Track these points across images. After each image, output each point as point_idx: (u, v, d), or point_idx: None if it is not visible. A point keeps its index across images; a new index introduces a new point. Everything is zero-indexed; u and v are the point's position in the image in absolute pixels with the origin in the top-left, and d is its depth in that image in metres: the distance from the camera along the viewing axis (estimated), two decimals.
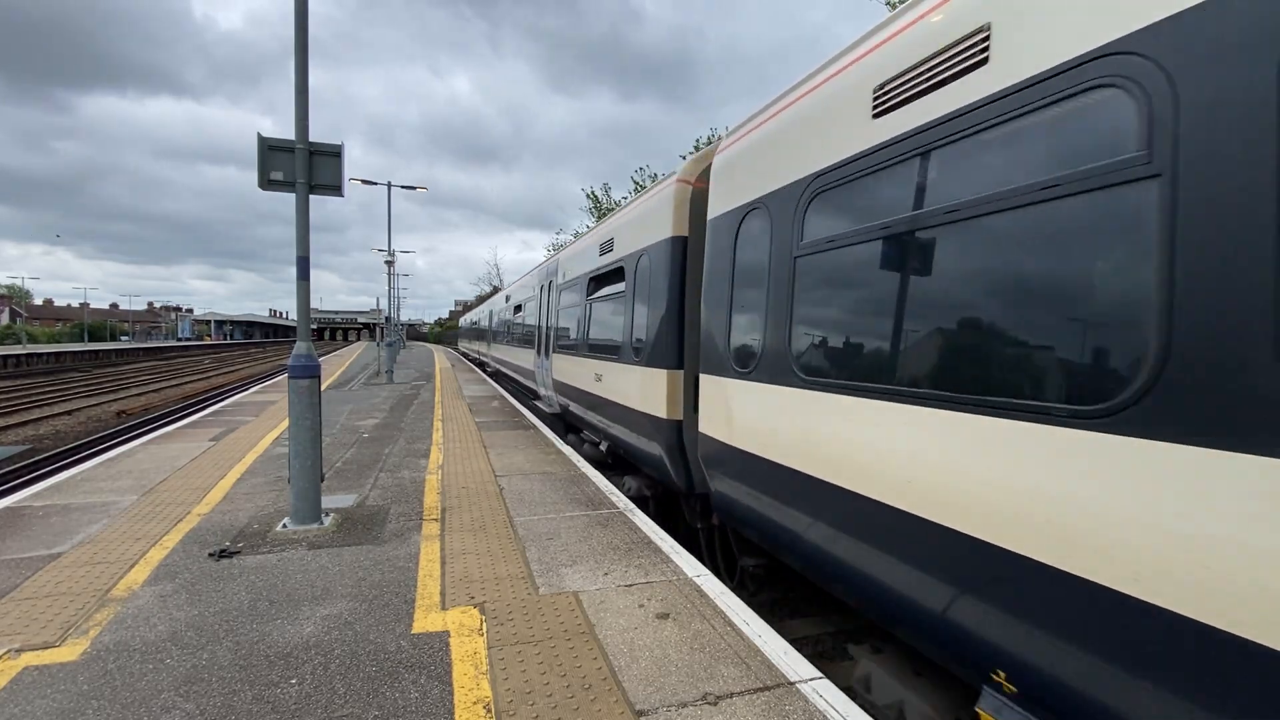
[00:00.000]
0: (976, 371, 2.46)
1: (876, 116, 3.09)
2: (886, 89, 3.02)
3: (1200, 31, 1.79)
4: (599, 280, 8.22)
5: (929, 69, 2.76)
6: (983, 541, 2.38)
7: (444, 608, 3.65)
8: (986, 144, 2.47)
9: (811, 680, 2.93)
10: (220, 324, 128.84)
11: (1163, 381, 1.83)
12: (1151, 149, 1.90)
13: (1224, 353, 1.70)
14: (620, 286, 7.17)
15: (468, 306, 79.55)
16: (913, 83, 2.85)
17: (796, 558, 3.69)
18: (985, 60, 2.48)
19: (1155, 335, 1.86)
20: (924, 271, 2.76)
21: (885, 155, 3.01)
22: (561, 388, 10.19)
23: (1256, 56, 1.66)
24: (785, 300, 3.77)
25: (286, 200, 4.89)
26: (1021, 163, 2.32)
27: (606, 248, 7.86)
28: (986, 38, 2.48)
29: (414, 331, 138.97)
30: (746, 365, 4.23)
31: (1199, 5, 1.79)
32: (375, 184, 22.70)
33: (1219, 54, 1.75)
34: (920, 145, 2.80)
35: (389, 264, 24.99)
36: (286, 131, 5.24)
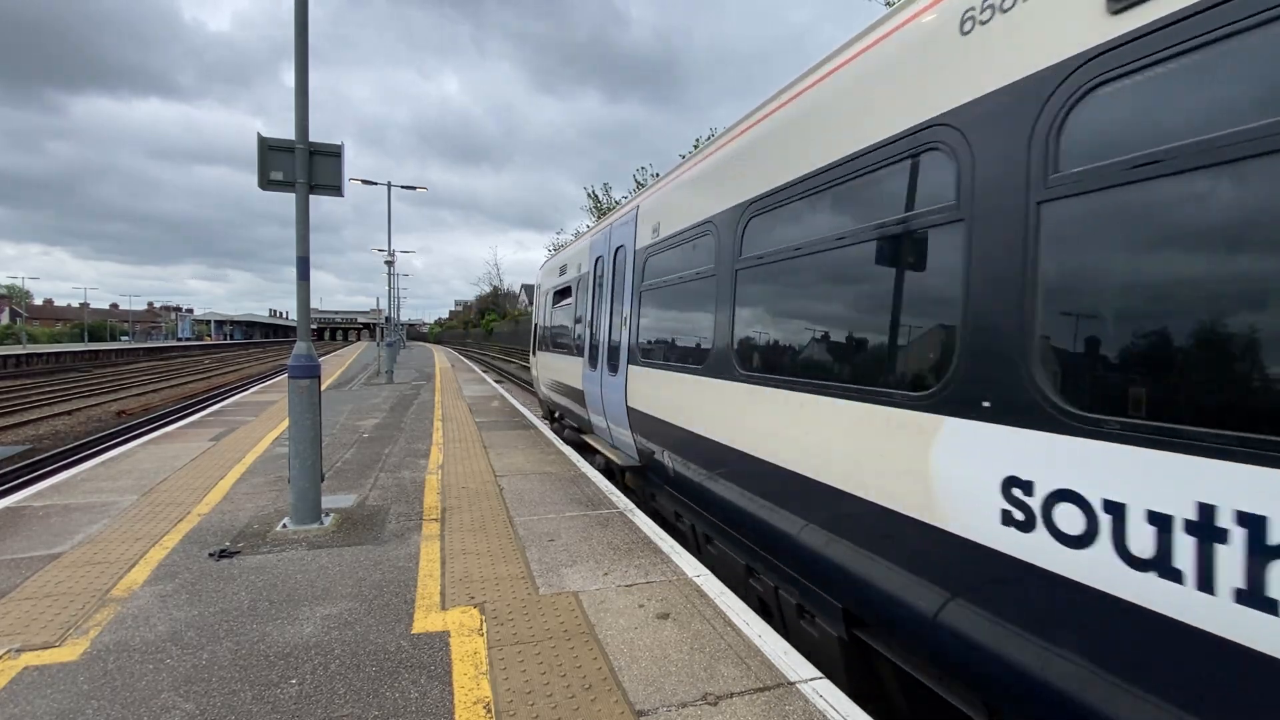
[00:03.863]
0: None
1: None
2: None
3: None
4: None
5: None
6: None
7: (444, 608, 3.65)
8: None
9: (811, 680, 2.93)
10: (220, 324, 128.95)
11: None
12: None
13: None
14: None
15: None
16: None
17: None
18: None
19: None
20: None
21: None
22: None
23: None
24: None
25: (281, 201, 4.89)
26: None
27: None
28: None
29: (414, 331, 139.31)
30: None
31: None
32: (375, 184, 22.73)
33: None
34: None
35: (389, 264, 25.00)
36: (276, 132, 5.24)
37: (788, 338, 3.76)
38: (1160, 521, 1.77)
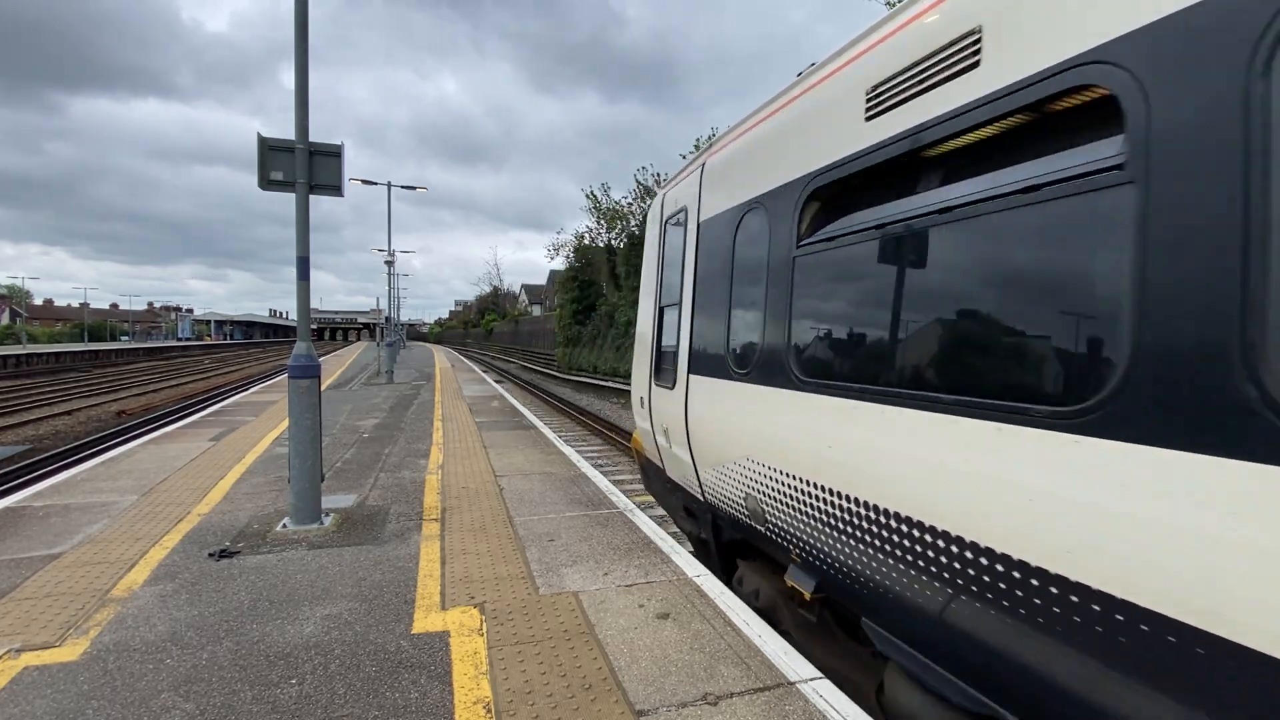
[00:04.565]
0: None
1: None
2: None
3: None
4: None
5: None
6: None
7: (444, 608, 3.65)
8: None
9: (811, 680, 2.93)
10: (220, 324, 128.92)
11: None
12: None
13: None
14: None
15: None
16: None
17: None
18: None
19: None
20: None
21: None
22: None
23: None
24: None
25: (281, 201, 4.89)
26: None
27: None
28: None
29: (414, 331, 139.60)
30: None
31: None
32: (375, 184, 22.72)
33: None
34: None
35: (389, 264, 25.01)
36: (275, 132, 5.22)
37: None
38: None
